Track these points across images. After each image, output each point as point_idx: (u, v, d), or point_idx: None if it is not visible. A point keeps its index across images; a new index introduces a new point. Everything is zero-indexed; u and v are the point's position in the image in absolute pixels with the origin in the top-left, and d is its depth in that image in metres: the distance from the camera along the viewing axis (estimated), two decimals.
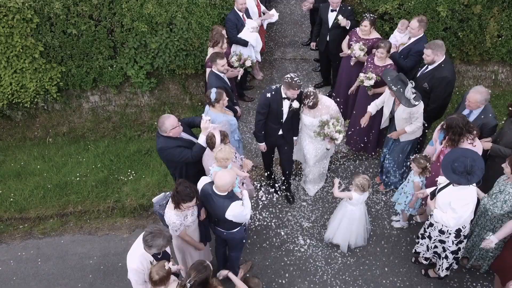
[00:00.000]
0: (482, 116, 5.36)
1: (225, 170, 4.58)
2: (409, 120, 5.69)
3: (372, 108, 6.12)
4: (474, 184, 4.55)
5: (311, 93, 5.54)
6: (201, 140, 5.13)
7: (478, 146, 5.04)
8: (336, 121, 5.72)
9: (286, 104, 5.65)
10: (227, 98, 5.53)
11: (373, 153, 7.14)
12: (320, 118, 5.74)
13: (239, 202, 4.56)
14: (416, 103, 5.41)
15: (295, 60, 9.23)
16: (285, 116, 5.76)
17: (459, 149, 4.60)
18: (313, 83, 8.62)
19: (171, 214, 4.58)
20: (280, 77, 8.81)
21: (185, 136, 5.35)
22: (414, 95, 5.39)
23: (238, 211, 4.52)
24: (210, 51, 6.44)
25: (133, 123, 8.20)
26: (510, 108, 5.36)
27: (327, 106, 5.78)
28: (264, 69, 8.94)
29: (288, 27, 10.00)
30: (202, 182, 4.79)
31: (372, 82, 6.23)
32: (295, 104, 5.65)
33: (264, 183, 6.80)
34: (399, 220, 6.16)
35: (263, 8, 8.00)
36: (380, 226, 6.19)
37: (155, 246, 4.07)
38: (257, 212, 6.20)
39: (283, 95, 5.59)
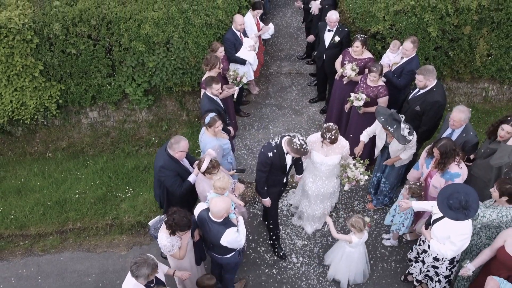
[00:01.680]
0: (464, 135, 5.55)
1: (220, 197, 4.74)
2: (403, 149, 5.84)
3: (364, 137, 6.22)
4: None
5: (333, 128, 5.37)
6: (191, 178, 5.39)
7: (464, 168, 5.21)
8: (358, 162, 5.61)
9: (289, 158, 5.40)
10: (220, 126, 5.68)
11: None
12: (336, 159, 5.61)
13: (234, 228, 4.72)
14: (411, 137, 5.55)
15: (291, 75, 9.39)
16: (288, 166, 5.54)
17: (451, 186, 4.67)
18: (308, 97, 8.78)
19: (162, 238, 4.76)
20: (276, 91, 8.99)
21: (186, 163, 5.57)
22: (408, 130, 5.56)
23: (233, 238, 4.68)
24: (207, 73, 6.60)
25: (131, 138, 8.36)
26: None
27: (342, 146, 5.65)
28: (260, 84, 9.10)
29: (284, 40, 10.15)
30: (199, 208, 4.96)
31: (361, 103, 6.41)
32: None
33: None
34: (389, 239, 6.32)
35: (261, 25, 8.14)
36: (371, 244, 6.34)
37: (141, 276, 4.21)
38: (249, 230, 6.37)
39: (285, 151, 5.28)
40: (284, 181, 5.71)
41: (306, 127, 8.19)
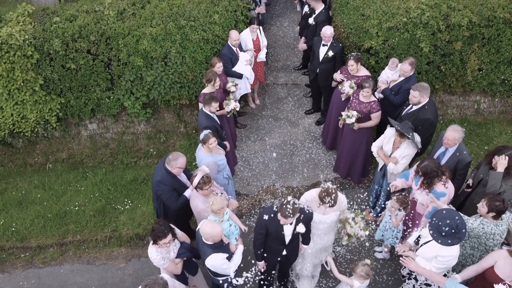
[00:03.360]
0: (457, 154, 5.69)
1: (211, 222, 4.85)
2: (399, 162, 6.03)
3: (376, 149, 6.27)
4: None
5: (333, 190, 4.92)
6: (187, 193, 5.57)
7: (450, 187, 5.35)
8: (356, 216, 5.20)
9: (288, 229, 4.93)
10: (215, 142, 5.84)
11: (359, 183, 7.49)
12: (335, 216, 5.21)
13: (223, 255, 4.79)
14: (420, 146, 5.85)
15: (287, 85, 9.53)
16: (288, 238, 5.04)
17: (438, 214, 4.74)
18: (304, 109, 8.92)
19: (152, 251, 4.94)
20: (272, 103, 9.13)
21: (183, 178, 5.74)
22: (418, 137, 5.87)
23: (218, 264, 4.78)
24: (206, 88, 6.79)
25: (130, 150, 8.51)
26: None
27: (340, 201, 5.16)
28: (256, 94, 9.22)
29: (281, 51, 10.27)
30: (200, 224, 5.09)
31: (353, 120, 6.57)
32: (300, 229, 4.90)
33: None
34: (381, 251, 6.48)
35: (265, 42, 8.22)
36: (363, 257, 6.49)
37: None
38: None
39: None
40: (284, 253, 5.18)
41: (302, 138, 8.34)
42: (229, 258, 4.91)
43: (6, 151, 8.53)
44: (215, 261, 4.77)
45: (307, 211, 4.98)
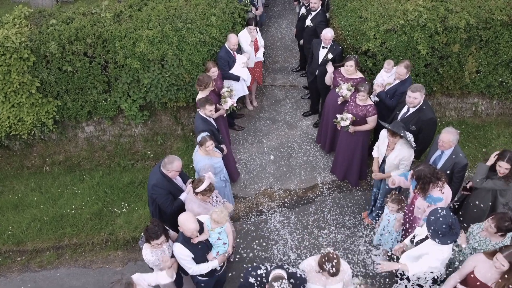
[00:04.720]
0: (453, 156, 5.67)
1: (190, 215, 4.85)
2: (398, 166, 5.98)
3: (377, 153, 6.31)
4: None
5: (334, 256, 4.31)
6: (183, 197, 5.56)
7: (446, 192, 5.31)
8: (358, 286, 4.61)
9: None
10: (211, 145, 5.82)
11: (356, 186, 7.46)
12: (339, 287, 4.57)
13: (187, 252, 4.80)
14: (414, 144, 5.81)
15: (285, 87, 9.51)
16: None
17: (432, 214, 4.69)
18: (301, 111, 8.91)
19: (146, 252, 4.97)
20: (270, 104, 9.11)
21: (179, 181, 5.71)
22: (411, 135, 5.85)
23: (178, 255, 4.85)
24: (200, 93, 6.74)
25: (127, 152, 8.49)
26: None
27: (343, 271, 4.53)
28: (254, 96, 9.21)
29: (279, 52, 10.27)
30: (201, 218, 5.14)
31: (347, 123, 6.55)
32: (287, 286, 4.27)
33: None
34: (379, 255, 6.45)
35: (262, 42, 8.23)
36: (360, 260, 6.47)
37: None
38: None
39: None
40: None
41: (299, 141, 8.32)
42: (197, 261, 4.94)
43: (3, 154, 8.52)
44: (177, 250, 4.84)
45: (299, 275, 4.40)
